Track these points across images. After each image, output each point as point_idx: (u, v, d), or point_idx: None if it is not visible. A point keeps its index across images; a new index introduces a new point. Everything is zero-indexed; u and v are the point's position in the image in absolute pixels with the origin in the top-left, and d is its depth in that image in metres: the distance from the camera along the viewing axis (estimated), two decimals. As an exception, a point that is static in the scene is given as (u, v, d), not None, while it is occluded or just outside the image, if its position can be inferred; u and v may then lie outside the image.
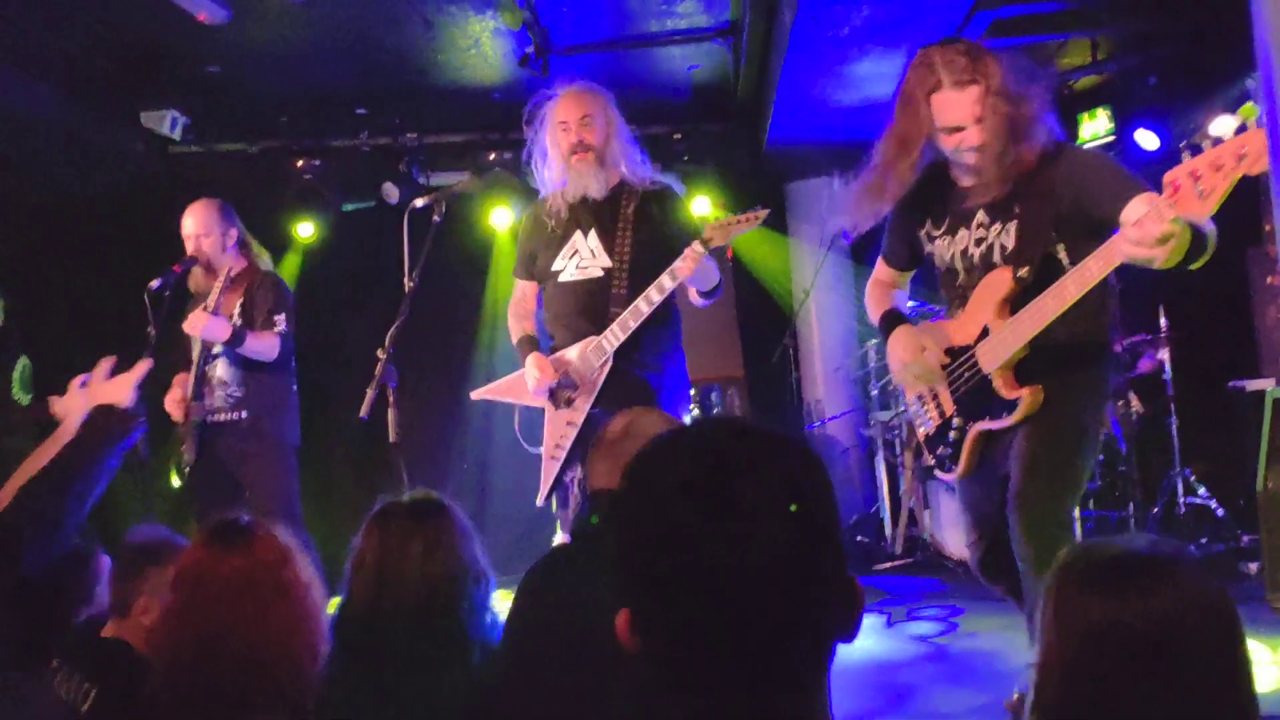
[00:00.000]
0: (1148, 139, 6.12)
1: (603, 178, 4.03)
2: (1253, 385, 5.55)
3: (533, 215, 4.26)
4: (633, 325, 3.84)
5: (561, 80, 4.21)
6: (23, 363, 5.42)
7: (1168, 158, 6.23)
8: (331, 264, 7.32)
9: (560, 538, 4.00)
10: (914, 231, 3.22)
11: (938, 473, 3.24)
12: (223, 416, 4.62)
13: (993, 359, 2.91)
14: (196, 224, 4.69)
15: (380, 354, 3.69)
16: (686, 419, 4.08)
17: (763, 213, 3.74)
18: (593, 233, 4.05)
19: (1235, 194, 2.37)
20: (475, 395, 4.34)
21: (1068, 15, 5.62)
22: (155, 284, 4.53)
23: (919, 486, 6.37)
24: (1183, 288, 6.41)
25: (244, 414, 4.62)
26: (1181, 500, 5.81)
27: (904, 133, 2.99)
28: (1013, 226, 2.93)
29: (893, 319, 3.29)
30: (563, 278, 4.08)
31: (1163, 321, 5.95)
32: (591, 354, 3.93)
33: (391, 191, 6.93)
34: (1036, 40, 5.80)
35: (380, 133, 7.00)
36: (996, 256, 2.97)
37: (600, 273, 3.99)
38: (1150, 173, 2.74)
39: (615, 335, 3.87)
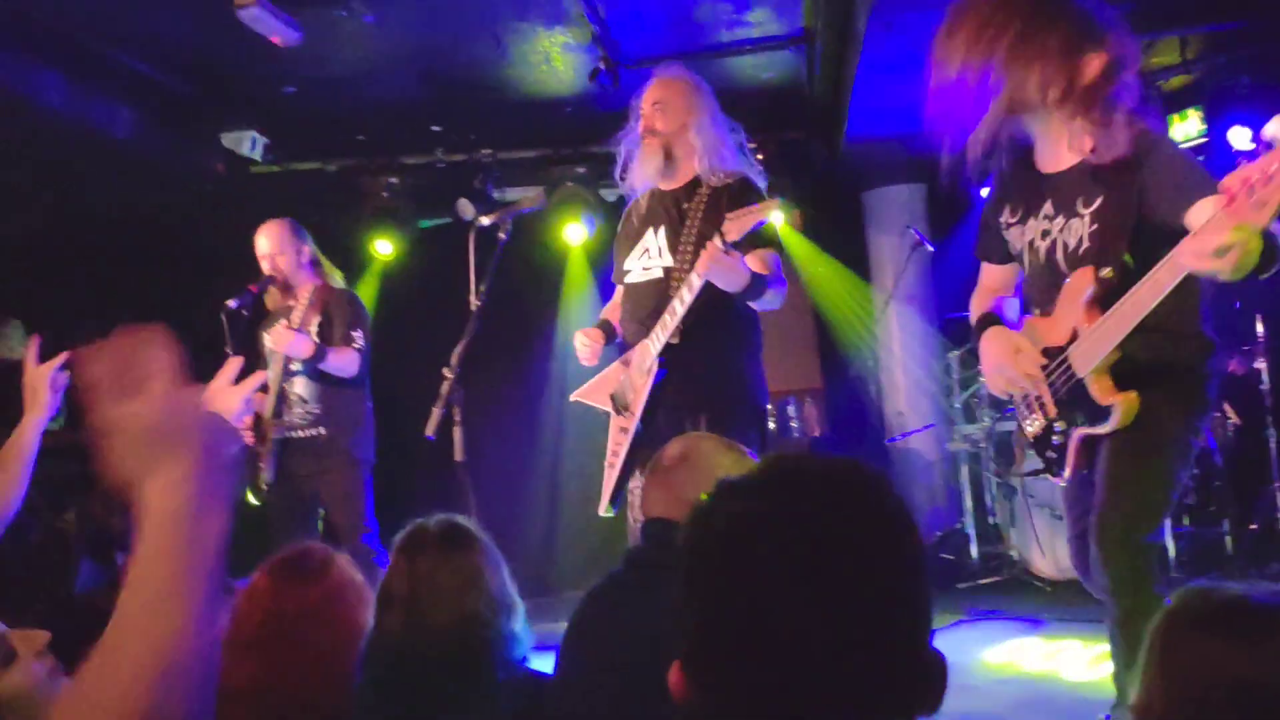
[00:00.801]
0: (1241, 137, 5.90)
1: (671, 168, 3.80)
2: (1358, 396, 5.29)
3: (625, 216, 4.08)
4: (671, 325, 3.61)
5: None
6: None
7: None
8: (409, 281, 7.39)
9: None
10: (997, 219, 3.04)
11: (1047, 476, 3.05)
12: (301, 433, 4.66)
13: (1085, 363, 2.73)
14: (270, 243, 4.75)
15: (447, 373, 3.69)
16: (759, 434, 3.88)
17: (775, 201, 3.50)
18: (662, 230, 3.83)
19: None
20: (573, 397, 4.25)
21: (1155, 13, 5.44)
22: (233, 303, 4.59)
23: (1007, 504, 6.19)
24: (1281, 295, 6.19)
25: (321, 430, 4.66)
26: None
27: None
28: (1077, 224, 2.75)
29: (987, 321, 3.10)
30: (629, 279, 3.91)
31: (1260, 329, 5.71)
32: (642, 358, 3.76)
33: (467, 208, 6.96)
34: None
35: (455, 149, 7.05)
36: (1060, 255, 2.81)
37: (661, 273, 3.77)
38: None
39: (658, 338, 3.67)
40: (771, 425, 7.46)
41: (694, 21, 5.55)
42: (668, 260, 3.76)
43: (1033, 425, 3.00)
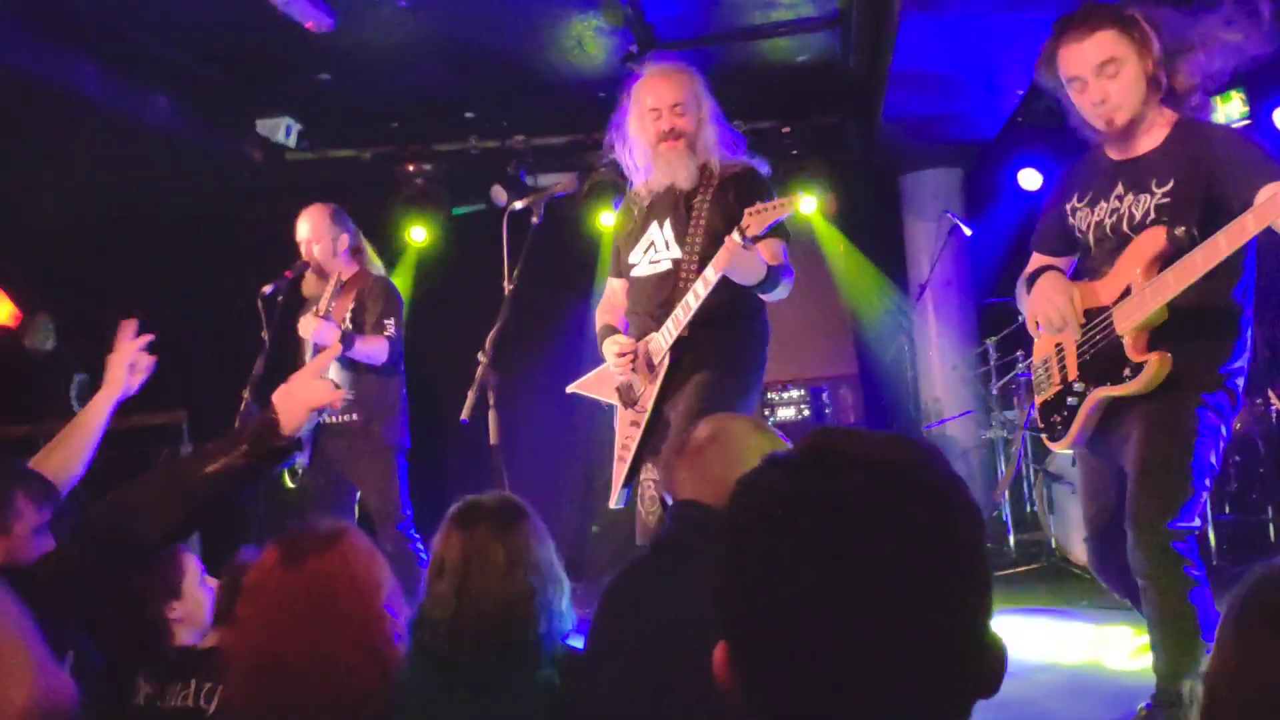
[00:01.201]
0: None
1: (693, 166, 3.74)
2: (1406, 381, 5.18)
3: (623, 208, 4.06)
4: (684, 320, 3.58)
5: (650, 58, 4.06)
6: (79, 380, 5.59)
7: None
8: (444, 267, 7.40)
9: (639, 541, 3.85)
10: (1064, 208, 3.10)
11: (1047, 441, 3.12)
12: (334, 419, 4.68)
13: (1129, 320, 2.78)
14: (308, 229, 4.78)
15: (481, 357, 3.68)
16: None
17: (799, 197, 3.48)
18: (668, 223, 3.78)
19: None
20: (570, 389, 4.25)
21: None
22: (268, 289, 4.62)
23: (1045, 490, 6.12)
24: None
25: (355, 416, 4.68)
26: (1326, 504, 5.46)
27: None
28: (1146, 199, 2.84)
29: (1046, 268, 3.15)
30: (636, 272, 3.87)
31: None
32: (653, 350, 3.74)
33: (500, 194, 6.96)
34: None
35: (488, 135, 7.05)
36: (1125, 226, 2.88)
37: (670, 265, 3.73)
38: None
39: (669, 331, 3.64)
40: (806, 412, 7.43)
41: (727, 3, 5.51)
42: (676, 253, 3.72)
43: (1047, 389, 3.10)
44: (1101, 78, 2.81)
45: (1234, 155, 2.74)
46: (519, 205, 3.92)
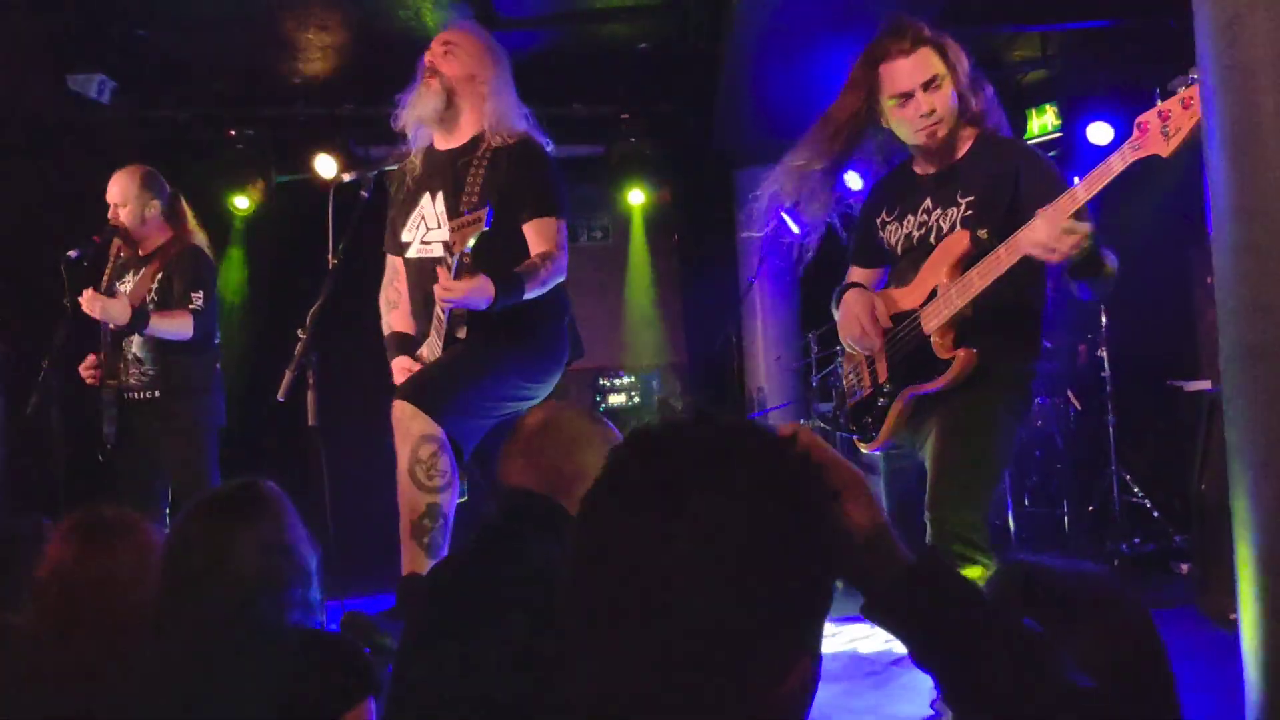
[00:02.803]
0: (1101, 132, 6.12)
1: (450, 120, 3.50)
2: (1191, 386, 5.55)
3: (396, 174, 3.71)
4: (440, 342, 3.37)
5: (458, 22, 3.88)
6: None
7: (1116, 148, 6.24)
8: (270, 238, 7.11)
9: None
10: (873, 221, 3.21)
11: (859, 443, 3.21)
12: (138, 395, 4.45)
13: (936, 319, 2.90)
14: (117, 193, 4.52)
15: (300, 334, 3.54)
16: None
17: (483, 212, 3.14)
18: (440, 197, 3.51)
19: (1180, 193, 2.37)
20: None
21: (1018, 8, 5.59)
22: (73, 254, 4.38)
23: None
24: (1125, 286, 6.44)
25: (158, 393, 4.45)
26: (1116, 499, 5.81)
27: (837, 110, 3.08)
28: (954, 211, 2.95)
29: (850, 285, 3.25)
30: (410, 253, 3.58)
31: (1103, 320, 5.94)
32: (432, 354, 3.48)
33: (328, 164, 6.72)
34: (985, 31, 5.77)
35: (316, 102, 6.79)
36: (933, 237, 2.99)
37: (441, 249, 3.35)
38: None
39: (435, 346, 3.43)
40: (636, 399, 7.49)
41: (569, -17, 5.49)
42: (445, 233, 3.39)
43: (857, 392, 3.20)
44: (929, 91, 2.90)
45: (1034, 174, 2.88)
46: (347, 178, 3.79)
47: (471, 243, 3.10)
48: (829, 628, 1.07)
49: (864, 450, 3.22)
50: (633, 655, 0.92)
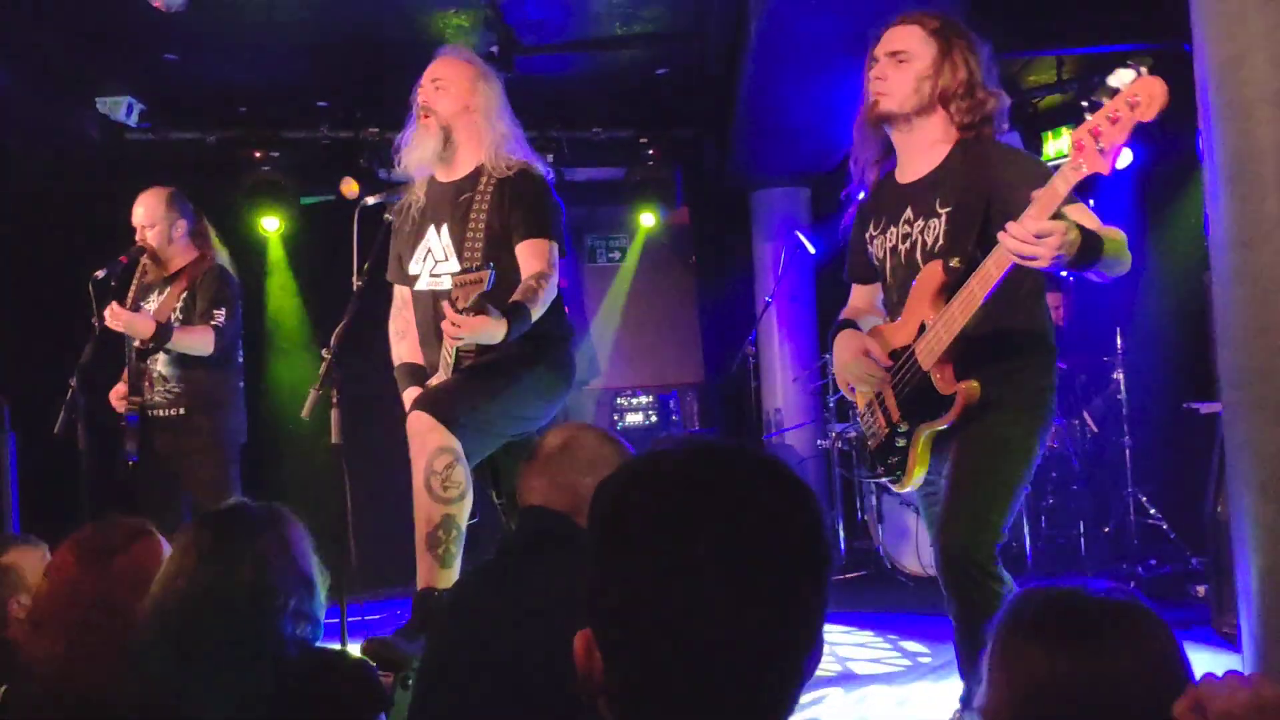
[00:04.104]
0: (1122, 156, 6.14)
1: (449, 155, 3.53)
2: (1206, 408, 5.55)
3: (401, 207, 3.73)
4: (448, 372, 3.40)
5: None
6: None
7: (1140, 171, 6.28)
8: (292, 259, 7.21)
9: None
10: (862, 236, 3.13)
11: (890, 484, 3.09)
12: (161, 412, 4.52)
13: (930, 355, 2.79)
14: (143, 213, 4.61)
15: (325, 354, 3.61)
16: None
17: (485, 274, 3.11)
18: (445, 229, 3.54)
19: (1197, 217, 2.34)
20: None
21: (1034, 33, 5.63)
22: (100, 274, 4.43)
23: (876, 502, 6.34)
24: (1141, 309, 6.47)
25: (181, 410, 4.51)
26: (1133, 521, 5.82)
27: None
28: (935, 223, 2.85)
29: (842, 325, 3.17)
30: (419, 285, 3.61)
31: (1119, 342, 5.97)
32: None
33: (351, 187, 6.80)
34: (1002, 56, 5.80)
35: (340, 126, 6.90)
36: (919, 254, 2.89)
37: (449, 283, 3.35)
38: (1123, 185, 2.70)
39: (445, 369, 3.44)
40: (654, 418, 7.53)
41: (589, 12, 5.55)
42: (454, 265, 3.47)
43: (875, 434, 3.06)
44: (890, 62, 2.85)
45: (1011, 174, 2.76)
46: (371, 200, 3.83)
47: (472, 301, 3.09)
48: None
49: (898, 490, 3.12)
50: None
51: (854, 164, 3.13)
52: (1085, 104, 2.38)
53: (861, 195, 3.19)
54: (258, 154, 6.89)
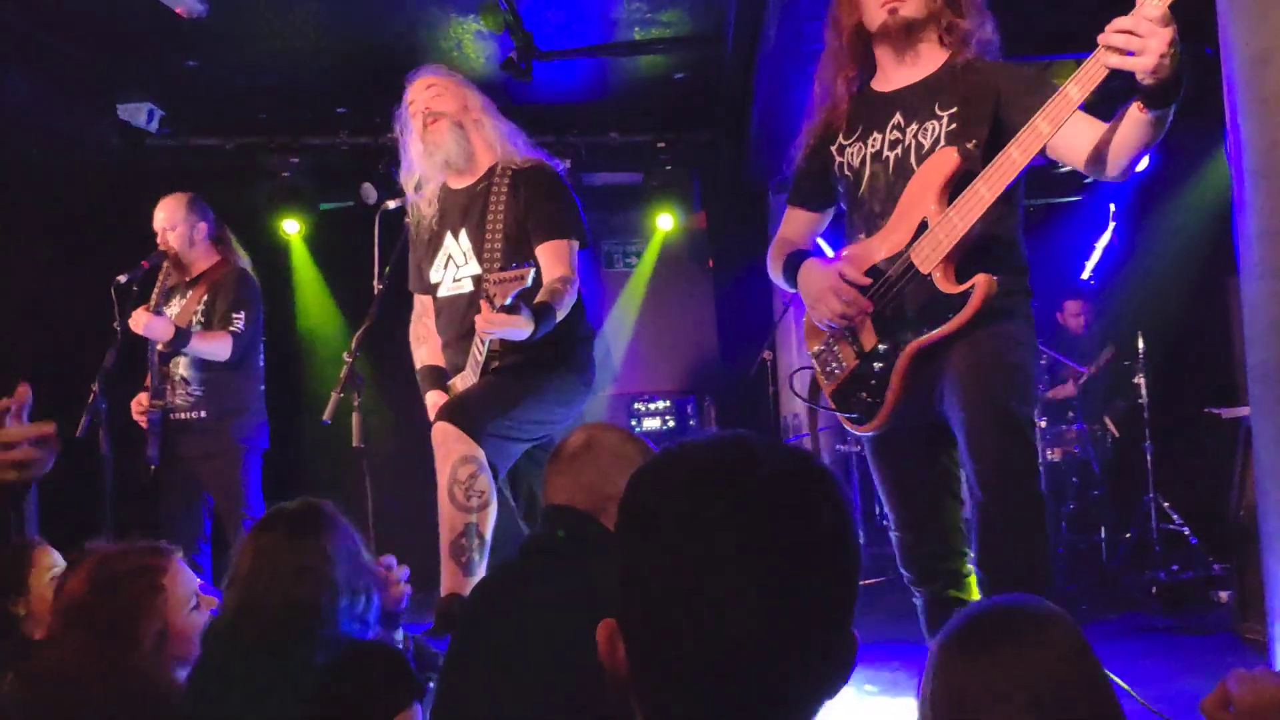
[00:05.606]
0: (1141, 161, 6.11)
1: (466, 149, 3.56)
2: (1229, 413, 5.52)
3: (413, 220, 3.79)
4: (477, 374, 3.42)
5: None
6: None
7: (1156, 176, 6.24)
8: (313, 264, 7.25)
9: None
10: (826, 150, 2.89)
11: (855, 426, 2.79)
12: (183, 415, 4.54)
13: (935, 253, 2.53)
14: (164, 218, 4.65)
15: (346, 357, 3.63)
16: None
17: (527, 271, 3.08)
18: (463, 233, 3.58)
19: (1218, 221, 2.30)
20: None
21: (1055, 38, 5.60)
22: (123, 278, 4.47)
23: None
24: (1163, 314, 6.43)
25: (203, 414, 4.54)
26: (1155, 526, 5.79)
27: (836, 16, 2.86)
28: (934, 125, 2.65)
29: (799, 257, 2.91)
30: (441, 292, 3.64)
31: (1140, 346, 5.94)
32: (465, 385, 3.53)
33: (370, 192, 6.82)
34: (1018, 60, 5.79)
35: (360, 132, 6.93)
36: (913, 157, 2.65)
37: (470, 284, 3.48)
38: (1144, 190, 2.65)
39: (470, 377, 3.48)
40: (671, 423, 7.53)
41: (608, 17, 5.56)
42: (474, 268, 3.52)
43: (836, 373, 2.82)
44: None
45: (1016, 81, 2.62)
46: (392, 205, 3.86)
47: (510, 299, 3.09)
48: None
49: (862, 431, 2.79)
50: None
51: (820, 82, 2.94)
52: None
53: (821, 111, 2.95)
54: (276, 160, 6.93)
